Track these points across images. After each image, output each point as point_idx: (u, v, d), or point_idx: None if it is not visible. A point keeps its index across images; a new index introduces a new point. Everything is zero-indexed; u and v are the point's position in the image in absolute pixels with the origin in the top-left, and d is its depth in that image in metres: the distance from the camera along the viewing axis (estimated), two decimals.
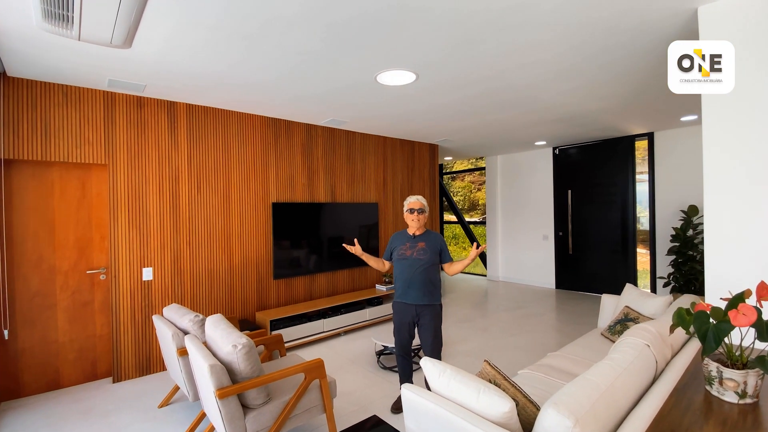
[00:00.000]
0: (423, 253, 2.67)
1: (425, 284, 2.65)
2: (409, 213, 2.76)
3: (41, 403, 3.02)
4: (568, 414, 1.29)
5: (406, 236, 2.80)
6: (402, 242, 2.77)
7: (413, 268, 2.66)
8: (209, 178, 3.92)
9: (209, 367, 1.88)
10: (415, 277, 2.65)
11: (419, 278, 2.65)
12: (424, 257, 2.66)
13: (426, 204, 2.80)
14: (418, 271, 2.65)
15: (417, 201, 2.78)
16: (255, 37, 2.37)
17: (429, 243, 2.71)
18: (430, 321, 2.66)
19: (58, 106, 3.15)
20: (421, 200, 2.79)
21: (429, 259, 2.67)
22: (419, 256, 2.67)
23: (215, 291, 3.95)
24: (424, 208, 2.77)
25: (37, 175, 3.19)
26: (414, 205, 2.76)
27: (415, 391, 1.68)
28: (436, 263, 2.73)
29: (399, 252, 2.74)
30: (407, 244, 2.74)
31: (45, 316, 3.22)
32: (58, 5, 1.91)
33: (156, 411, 2.86)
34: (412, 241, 2.75)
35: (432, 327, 2.66)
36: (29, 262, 3.15)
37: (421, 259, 2.66)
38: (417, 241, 2.73)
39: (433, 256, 2.69)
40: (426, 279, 2.65)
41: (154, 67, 2.82)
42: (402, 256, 2.72)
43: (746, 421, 1.37)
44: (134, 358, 3.48)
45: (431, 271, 2.69)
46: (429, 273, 2.67)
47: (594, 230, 6.52)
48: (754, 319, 1.39)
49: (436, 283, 2.72)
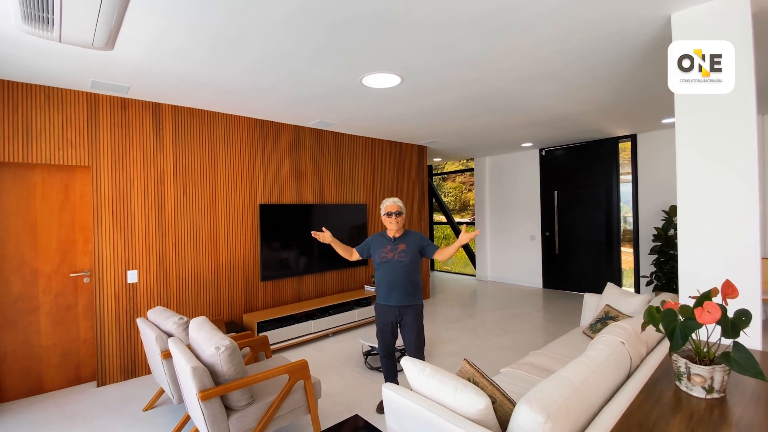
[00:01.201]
0: (404, 254, 2.69)
1: (407, 286, 2.68)
2: (387, 216, 2.75)
3: (24, 408, 2.98)
4: (540, 410, 1.33)
5: (386, 239, 2.79)
6: (383, 245, 2.77)
7: (396, 270, 2.67)
8: (195, 180, 3.90)
9: (192, 369, 1.88)
10: (398, 279, 2.67)
11: (402, 280, 2.66)
12: (405, 259, 2.68)
13: (403, 206, 2.80)
14: (400, 273, 2.67)
15: (394, 204, 2.77)
16: (237, 39, 2.38)
17: (409, 243, 2.73)
18: (413, 320, 2.68)
19: (40, 107, 3.12)
20: (398, 202, 2.79)
21: (410, 260, 2.69)
22: (401, 258, 2.68)
23: (202, 293, 3.94)
24: (401, 210, 2.77)
25: (19, 178, 3.16)
26: (391, 208, 2.75)
27: (396, 390, 1.71)
28: (417, 263, 2.75)
29: (380, 255, 2.73)
30: (388, 247, 2.74)
31: (27, 320, 3.18)
32: (37, 7, 1.90)
33: (141, 414, 2.85)
34: (393, 243, 2.75)
35: (415, 326, 2.69)
36: (10, 266, 3.11)
37: (402, 261, 2.68)
38: (397, 244, 2.74)
39: (414, 256, 2.71)
40: (408, 281, 2.68)
41: (138, 68, 2.81)
42: (383, 259, 2.72)
43: (712, 415, 1.42)
44: (119, 361, 3.45)
45: (413, 272, 2.71)
46: (411, 275, 2.69)
47: (580, 230, 6.63)
48: (718, 317, 1.44)
49: (417, 284, 2.74)
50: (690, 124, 2.21)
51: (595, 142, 6.31)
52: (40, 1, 1.84)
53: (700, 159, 2.18)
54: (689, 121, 2.21)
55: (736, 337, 1.47)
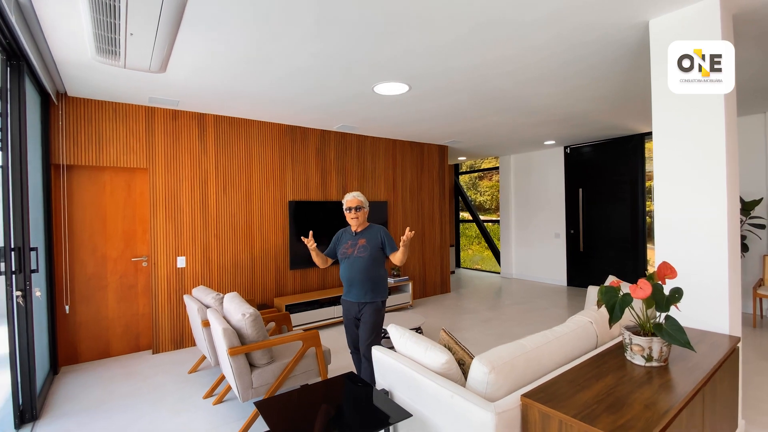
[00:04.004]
0: (363, 250, 2.67)
1: (365, 282, 2.66)
2: (347, 212, 2.71)
3: (95, 368, 3.63)
4: (487, 363, 1.63)
5: (348, 234, 2.78)
6: (345, 240, 2.76)
7: (354, 266, 2.67)
8: (233, 180, 4.46)
9: (223, 330, 2.35)
10: (356, 275, 2.65)
11: (360, 276, 2.65)
12: (364, 254, 2.66)
13: (364, 200, 2.76)
14: (359, 269, 2.65)
15: (354, 198, 2.72)
16: (265, 60, 2.83)
17: (369, 238, 2.70)
18: (369, 317, 2.65)
19: (109, 120, 3.77)
20: (358, 197, 2.73)
21: (369, 256, 2.66)
22: (360, 254, 2.67)
23: (238, 278, 4.49)
24: (361, 204, 2.71)
25: (92, 178, 3.83)
26: (351, 203, 2.70)
27: (382, 351, 2.07)
28: (378, 258, 2.70)
29: (341, 251, 2.74)
30: (349, 243, 2.73)
31: (98, 295, 3.85)
32: (108, 44, 2.43)
33: (186, 375, 3.40)
34: (353, 239, 2.73)
35: (370, 323, 2.65)
36: (86, 250, 3.79)
37: (361, 257, 2.66)
38: (358, 239, 2.71)
39: (374, 251, 2.67)
40: (366, 277, 2.65)
41: (185, 85, 3.35)
42: (344, 255, 2.72)
43: (641, 378, 1.65)
44: (170, 334, 4.06)
45: (372, 268, 2.67)
46: (370, 271, 2.66)
47: (605, 228, 6.61)
48: (649, 293, 1.67)
49: (377, 280, 2.70)
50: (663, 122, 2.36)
51: (621, 138, 6.27)
52: (110, 40, 2.37)
53: (674, 154, 2.33)
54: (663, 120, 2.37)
55: (666, 311, 1.69)
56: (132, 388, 3.19)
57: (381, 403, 1.86)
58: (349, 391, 2.03)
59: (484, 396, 1.59)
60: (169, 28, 2.26)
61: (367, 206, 2.77)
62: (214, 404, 2.86)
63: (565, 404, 1.43)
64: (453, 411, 1.60)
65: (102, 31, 2.24)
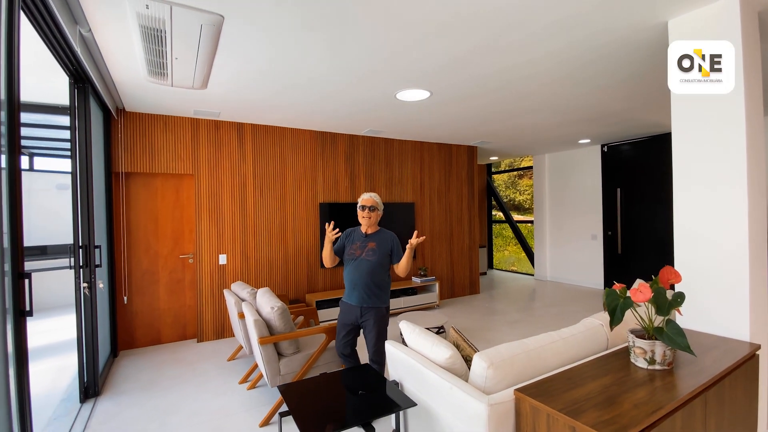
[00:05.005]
0: (372, 254, 2.62)
1: (370, 287, 2.60)
2: (360, 210, 2.67)
3: (148, 353, 4.07)
4: (486, 359, 1.74)
5: (359, 234, 2.72)
6: (354, 241, 2.70)
7: (360, 269, 2.61)
8: (269, 183, 4.78)
9: (254, 320, 2.60)
10: (361, 278, 2.60)
11: (364, 280, 2.60)
12: (372, 258, 2.61)
13: (379, 202, 2.72)
14: (364, 273, 2.60)
15: (370, 198, 2.68)
16: (291, 74, 3.07)
17: (379, 243, 2.65)
18: (374, 323, 2.60)
19: (160, 131, 4.19)
20: (374, 197, 2.69)
21: (377, 261, 2.61)
22: (368, 257, 2.62)
23: (273, 274, 4.81)
24: (376, 205, 2.67)
25: (146, 184, 4.28)
26: (366, 202, 2.66)
27: (394, 345, 2.22)
28: (385, 264, 2.65)
29: (349, 252, 2.68)
30: (357, 244, 2.68)
31: (151, 289, 4.30)
32: (157, 67, 2.77)
33: (225, 362, 3.74)
34: (363, 240, 2.67)
35: (375, 329, 2.61)
36: (141, 248, 4.24)
37: (369, 261, 2.61)
38: (368, 241, 2.66)
39: (382, 257, 2.63)
40: (371, 282, 2.60)
41: (224, 99, 3.68)
42: (351, 256, 2.66)
43: (642, 380, 1.68)
44: (212, 325, 4.44)
45: (378, 273, 2.62)
46: (375, 275, 2.61)
47: (644, 229, 6.33)
48: (649, 296, 1.70)
49: (382, 285, 2.65)
50: (684, 125, 2.33)
51: (662, 136, 5.98)
52: (159, 64, 2.69)
53: (693, 159, 2.30)
54: (683, 122, 2.33)
55: (666, 315, 1.70)
56: (179, 372, 3.55)
57: (391, 393, 2.02)
58: (363, 381, 2.21)
59: (483, 390, 1.70)
60: (207, 52, 2.55)
61: (381, 209, 2.73)
62: (248, 389, 3.15)
63: (555, 399, 1.51)
64: (452, 402, 1.72)
65: (152, 57, 2.57)
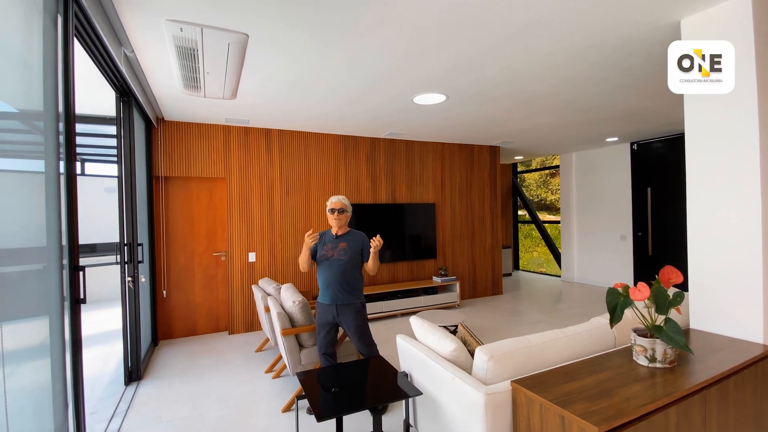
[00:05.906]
0: (344, 253, 2.71)
1: (343, 285, 2.70)
2: (330, 213, 2.76)
3: (184, 343, 4.40)
4: (487, 352, 1.85)
5: (329, 236, 2.80)
6: (325, 243, 2.79)
7: (332, 268, 2.70)
8: (295, 186, 5.02)
9: (277, 313, 2.81)
10: (334, 277, 2.69)
11: (337, 279, 2.69)
12: (344, 257, 2.70)
13: (348, 204, 2.81)
14: (337, 272, 2.69)
15: (338, 201, 2.76)
16: (311, 84, 3.27)
17: (350, 243, 2.75)
18: (352, 320, 2.69)
19: (195, 138, 4.52)
20: (343, 200, 2.78)
21: (349, 260, 2.71)
22: (339, 256, 2.71)
23: (299, 272, 5.05)
24: (345, 208, 2.76)
25: (182, 187, 4.62)
26: (335, 205, 2.75)
27: (404, 339, 2.36)
28: (356, 263, 2.75)
29: (321, 253, 2.76)
30: (329, 245, 2.76)
31: (187, 284, 4.64)
32: (192, 81, 3.04)
33: (254, 353, 4.00)
34: (334, 241, 2.76)
35: (354, 325, 2.69)
36: (178, 246, 4.59)
37: (341, 260, 2.70)
38: (338, 242, 2.75)
39: (354, 255, 2.73)
40: (344, 279, 2.70)
41: (252, 107, 3.94)
42: (323, 257, 2.74)
43: (640, 377, 1.72)
44: (243, 318, 4.73)
45: (350, 271, 2.72)
46: (347, 274, 2.71)
47: (676, 230, 6.11)
48: (647, 295, 1.74)
49: (353, 282, 2.74)
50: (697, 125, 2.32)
51: None
52: (193, 78, 2.95)
53: (706, 160, 2.28)
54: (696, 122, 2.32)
55: (665, 313, 1.74)
56: (211, 361, 3.84)
57: (400, 382, 2.15)
58: (375, 371, 2.35)
59: (483, 381, 1.81)
60: (235, 67, 2.78)
61: (350, 211, 2.83)
62: (273, 378, 3.37)
63: (549, 391, 1.60)
64: (454, 391, 1.84)
65: (187, 72, 2.83)
